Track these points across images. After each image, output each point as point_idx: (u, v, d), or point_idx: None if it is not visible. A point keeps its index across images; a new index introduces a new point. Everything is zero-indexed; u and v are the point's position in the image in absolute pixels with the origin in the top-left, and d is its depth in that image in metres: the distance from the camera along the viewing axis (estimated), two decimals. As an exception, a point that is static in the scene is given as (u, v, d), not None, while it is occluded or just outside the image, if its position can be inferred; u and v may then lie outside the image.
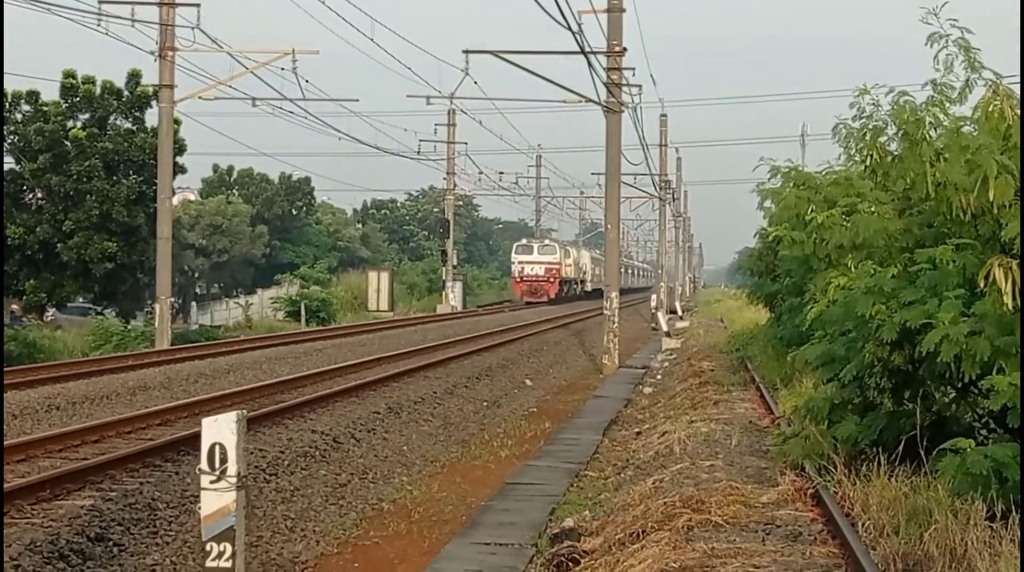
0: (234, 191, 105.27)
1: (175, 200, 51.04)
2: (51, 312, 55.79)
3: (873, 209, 17.67)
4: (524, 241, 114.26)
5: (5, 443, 19.63)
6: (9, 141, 50.03)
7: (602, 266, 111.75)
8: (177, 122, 46.51)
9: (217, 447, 11.56)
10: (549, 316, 71.01)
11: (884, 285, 14.94)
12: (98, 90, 50.79)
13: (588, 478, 21.19)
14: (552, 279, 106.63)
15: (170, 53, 44.13)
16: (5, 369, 32.68)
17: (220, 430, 11.61)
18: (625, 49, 44.50)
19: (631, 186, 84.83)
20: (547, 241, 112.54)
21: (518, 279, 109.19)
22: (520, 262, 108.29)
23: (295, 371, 33.01)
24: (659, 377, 39.55)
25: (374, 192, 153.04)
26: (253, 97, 49.30)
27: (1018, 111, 14.60)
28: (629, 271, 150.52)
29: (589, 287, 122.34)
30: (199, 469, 11.61)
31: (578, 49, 40.14)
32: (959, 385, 14.48)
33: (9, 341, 40.17)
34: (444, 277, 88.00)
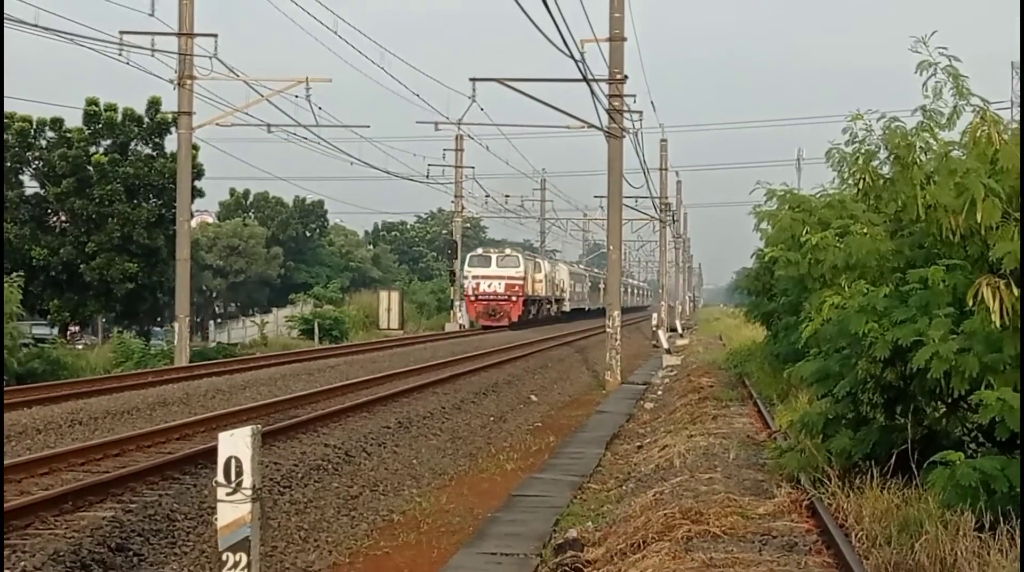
0: (250, 214, 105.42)
1: (193, 223, 51.12)
2: (75, 330, 55.83)
3: (865, 231, 17.69)
4: (480, 251, 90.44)
5: (30, 456, 19.68)
6: (34, 166, 50.24)
7: (584, 282, 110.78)
8: (195, 148, 46.56)
9: (233, 460, 11.56)
10: (552, 334, 70.97)
11: (876, 304, 14.96)
12: (120, 117, 50.89)
13: (591, 490, 21.18)
14: (514, 298, 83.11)
15: (188, 81, 44.21)
16: (31, 386, 32.77)
17: (236, 444, 11.62)
18: (626, 77, 44.55)
19: (632, 208, 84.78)
20: (508, 251, 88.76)
21: (472, 298, 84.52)
22: (475, 277, 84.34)
23: (309, 387, 33.00)
24: (660, 393, 39.53)
25: (385, 214, 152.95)
26: (268, 123, 49.38)
27: (1005, 137, 14.61)
28: (630, 290, 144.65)
29: (568, 307, 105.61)
30: (216, 482, 11.61)
31: (581, 77, 40.17)
32: (949, 400, 14.47)
33: (33, 359, 40.18)
34: (452, 296, 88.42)
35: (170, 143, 50.36)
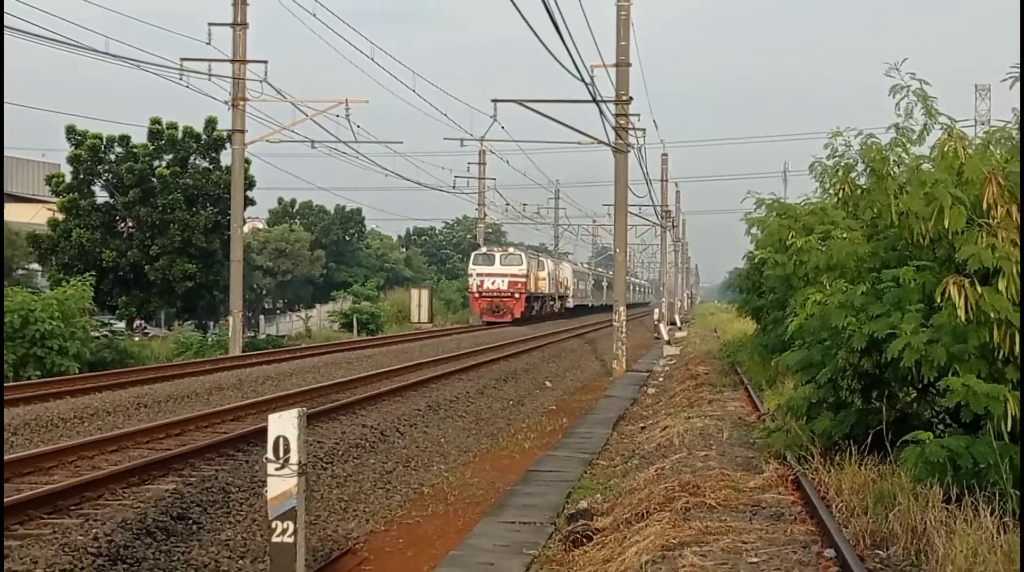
0: (296, 221, 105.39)
1: (246, 228, 51.12)
2: (140, 322, 55.87)
3: (845, 235, 17.67)
4: (484, 250, 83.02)
5: (101, 436, 19.71)
6: (104, 178, 50.28)
7: (587, 280, 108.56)
8: (247, 161, 46.57)
9: (281, 439, 11.58)
10: (565, 328, 70.88)
11: (855, 301, 14.95)
12: (180, 134, 50.90)
13: (600, 466, 21.16)
14: (517, 295, 76.96)
15: (241, 103, 44.33)
16: (101, 373, 32.81)
17: (284, 425, 11.63)
18: (631, 98, 44.53)
19: (636, 215, 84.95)
20: (512, 250, 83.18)
21: (476, 295, 78.66)
22: (479, 274, 78.16)
23: (348, 374, 33.02)
24: (661, 379, 39.44)
25: (416, 221, 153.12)
26: (312, 140, 49.45)
27: (970, 151, 14.59)
28: (633, 288, 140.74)
29: (571, 303, 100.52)
30: (266, 458, 11.62)
31: (591, 98, 40.29)
32: (919, 386, 14.45)
33: (103, 349, 40.22)
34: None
35: (225, 157, 50.43)
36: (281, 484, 11.52)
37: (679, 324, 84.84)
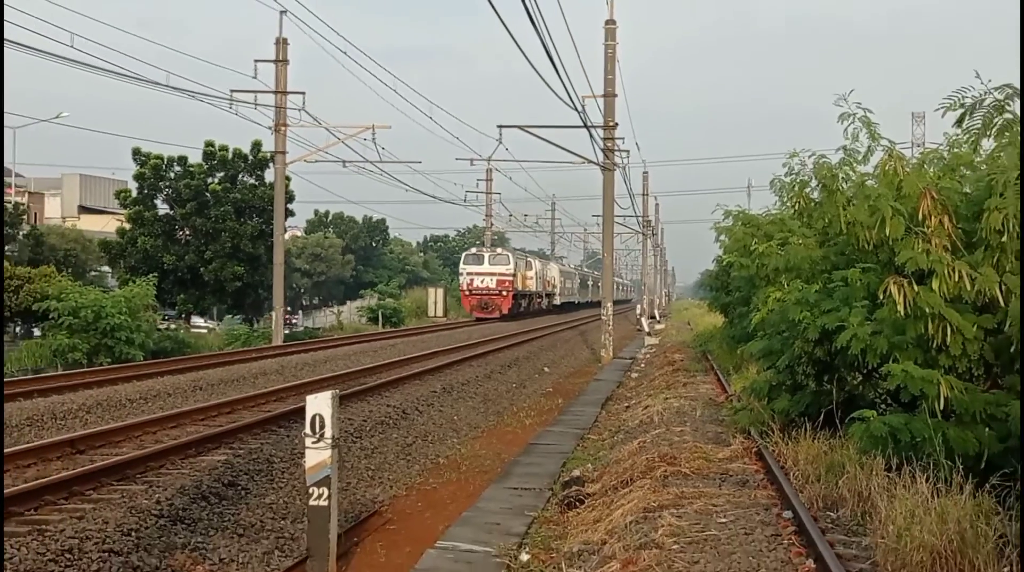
0: (329, 229, 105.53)
1: (286, 236, 51.06)
2: (199, 319, 55.93)
3: (800, 242, 17.75)
4: (474, 250, 77.94)
5: (162, 414, 19.73)
6: (165, 193, 50.41)
7: (573, 280, 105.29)
8: (287, 179, 46.54)
9: (317, 417, 11.60)
10: (556, 322, 70.77)
11: (809, 298, 15.01)
12: (230, 155, 50.93)
13: (590, 440, 21.20)
14: (504, 293, 71.93)
15: (283, 128, 44.35)
16: (163, 360, 32.83)
17: (320, 404, 11.66)
18: (617, 124, 44.61)
19: (621, 224, 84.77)
20: (500, 251, 76.92)
21: (466, 292, 73.49)
22: (469, 274, 73.11)
23: (374, 361, 33.02)
24: (643, 366, 39.45)
25: (432, 229, 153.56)
26: (343, 160, 49.52)
27: (908, 169, 14.60)
28: (619, 287, 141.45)
29: (558, 301, 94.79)
30: (304, 433, 11.66)
31: (582, 124, 40.36)
32: (864, 371, 14.46)
33: (164, 339, 40.28)
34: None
35: (268, 175, 50.38)
36: (317, 455, 11.56)
37: (658, 318, 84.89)
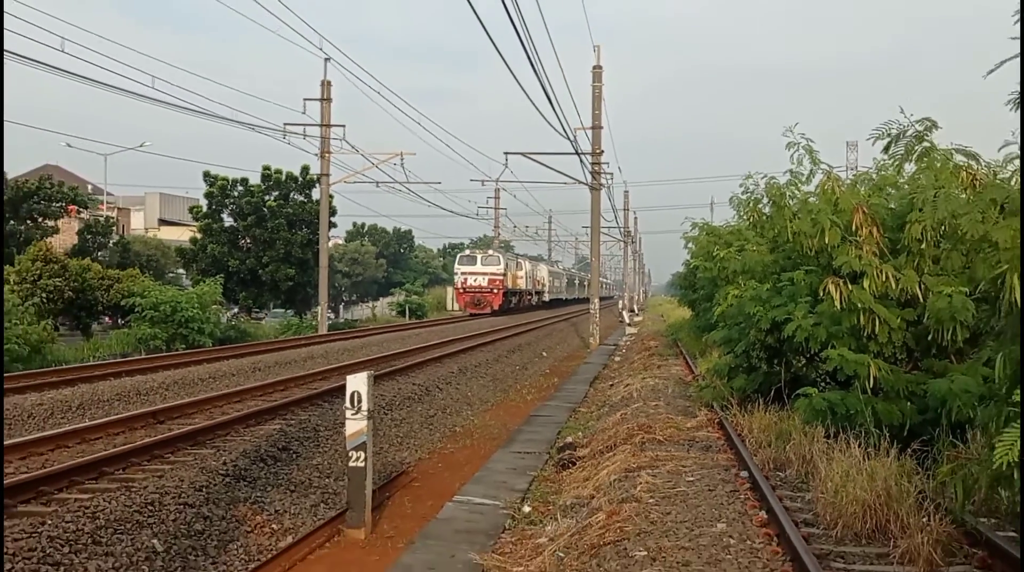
0: (365, 238, 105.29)
1: (330, 244, 51.01)
2: (261, 313, 55.94)
3: (754, 249, 17.72)
4: (468, 252, 73.10)
5: (227, 390, 19.73)
6: (229, 208, 50.41)
7: (561, 279, 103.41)
8: (331, 197, 46.43)
9: (356, 393, 11.62)
10: (549, 315, 70.68)
11: (761, 295, 15.00)
12: (283, 177, 50.87)
13: (581, 412, 21.21)
14: (495, 290, 67.10)
15: (327, 155, 44.36)
16: (227, 346, 32.87)
17: (358, 382, 11.67)
18: (602, 151, 44.54)
19: (606, 234, 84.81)
20: (491, 252, 71.23)
21: (460, 290, 68.57)
22: (463, 274, 68.10)
23: (402, 347, 33.03)
24: (624, 351, 39.44)
25: (450, 238, 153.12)
26: (377, 181, 49.53)
27: (843, 188, 14.60)
28: (603, 286, 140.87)
29: (547, 297, 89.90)
30: (345, 406, 11.67)
31: (574, 152, 40.35)
32: (808, 355, 14.45)
33: (229, 329, 40.28)
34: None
35: (315, 193, 50.31)
36: (355, 425, 11.59)
37: (636, 312, 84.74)
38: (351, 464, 11.60)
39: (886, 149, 13.08)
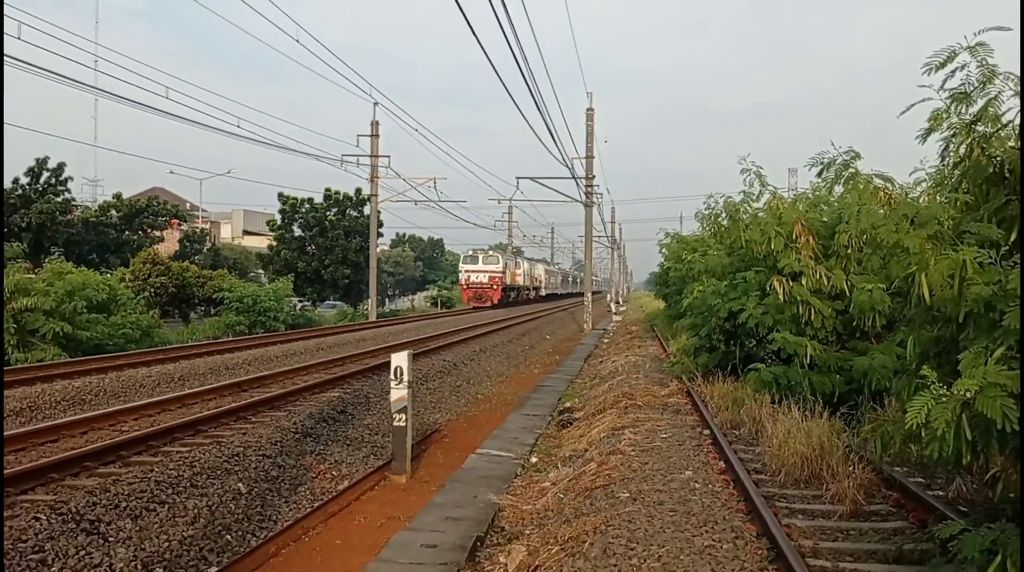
0: (406, 245, 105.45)
1: (378, 250, 51.00)
2: (317, 305, 56.03)
3: (715, 253, 17.68)
4: (470, 252, 66.37)
5: (296, 365, 19.74)
6: (299, 222, 50.44)
7: (556, 276, 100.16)
8: (379, 213, 46.49)
9: (398, 368, 11.64)
10: (552, 306, 70.68)
11: (720, 290, 15.00)
12: (341, 197, 50.90)
13: (577, 383, 21.19)
14: (495, 286, 62.33)
15: (375, 179, 44.45)
16: (297, 331, 32.95)
17: (400, 358, 11.69)
18: (594, 176, 44.47)
19: (597, 242, 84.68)
20: (491, 253, 66.42)
21: (464, 286, 63.55)
22: (466, 271, 63.32)
23: (434, 331, 33.04)
24: (611, 335, 39.41)
25: (473, 245, 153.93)
26: (415, 200, 49.67)
27: (785, 205, 14.57)
28: (594, 283, 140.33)
29: (544, 292, 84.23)
30: (390, 378, 11.68)
31: (571, 176, 40.40)
32: (757, 338, 14.42)
33: (298, 317, 40.31)
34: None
35: (366, 210, 50.35)
36: (398, 393, 11.60)
37: (621, 304, 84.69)
38: (395, 424, 11.63)
39: (820, 174, 13.06)
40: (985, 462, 6.78)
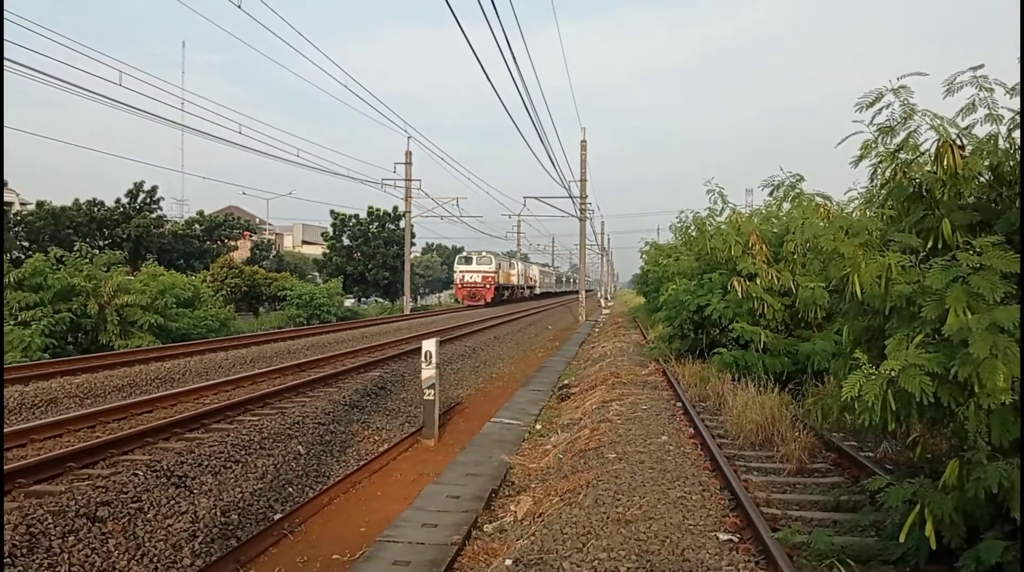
0: (434, 253, 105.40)
1: (411, 256, 51.03)
2: (362, 301, 56.09)
3: (685, 258, 17.62)
4: (465, 254, 57.81)
5: (344, 351, 19.74)
6: (347, 233, 50.46)
7: (550, 276, 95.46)
8: (412, 226, 46.61)
9: (428, 352, 11.63)
10: (556, 301, 70.57)
11: (690, 288, 14.96)
12: (381, 213, 50.94)
13: (573, 364, 21.12)
14: (488, 286, 54.68)
15: (410, 198, 44.38)
16: (344, 323, 32.99)
17: (429, 344, 11.68)
18: (587, 195, 44.38)
19: (589, 249, 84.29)
20: (485, 254, 57.07)
21: (459, 286, 55.83)
22: (461, 272, 55.76)
23: (457, 322, 33.05)
24: (601, 325, 39.32)
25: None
26: (441, 215, 49.65)
27: (743, 219, 14.55)
28: (586, 282, 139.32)
29: (538, 291, 76.61)
30: (421, 360, 11.68)
31: (568, 195, 40.34)
32: (720, 328, 14.39)
33: (347, 311, 40.33)
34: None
35: (401, 223, 50.34)
36: (428, 372, 11.60)
37: (609, 299, 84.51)
38: (425, 397, 11.63)
39: (771, 193, 13.03)
40: (907, 429, 6.76)
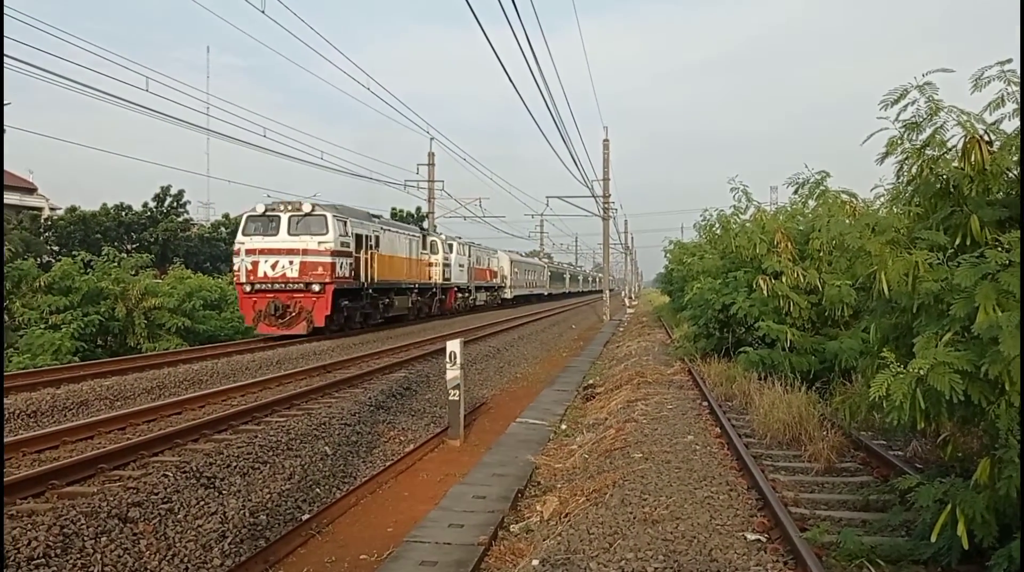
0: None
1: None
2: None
3: (710, 257, 17.56)
4: (265, 206, 23.42)
5: (374, 350, 19.84)
6: (372, 234, 50.86)
7: (543, 272, 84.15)
8: (435, 226, 46.88)
9: (452, 352, 11.69)
10: (579, 301, 70.39)
11: (715, 287, 14.91)
12: (404, 214, 51.32)
13: (598, 364, 21.10)
14: (315, 283, 24.49)
15: (433, 199, 44.65)
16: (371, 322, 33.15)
17: (454, 345, 11.74)
18: (610, 194, 44.28)
19: (613, 247, 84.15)
20: (312, 206, 26.34)
21: (242, 282, 25.30)
22: (247, 250, 25.09)
23: (481, 322, 33.11)
24: (625, 324, 39.23)
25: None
26: (464, 215, 49.88)
27: (767, 217, 14.47)
28: (610, 281, 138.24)
29: (510, 294, 61.36)
30: (445, 361, 11.74)
31: (591, 195, 40.28)
32: (746, 326, 14.31)
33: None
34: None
35: (424, 224, 50.72)
36: (453, 373, 11.65)
37: (633, 299, 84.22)
38: (450, 398, 11.69)
39: (796, 191, 12.94)
40: (936, 427, 6.70)
